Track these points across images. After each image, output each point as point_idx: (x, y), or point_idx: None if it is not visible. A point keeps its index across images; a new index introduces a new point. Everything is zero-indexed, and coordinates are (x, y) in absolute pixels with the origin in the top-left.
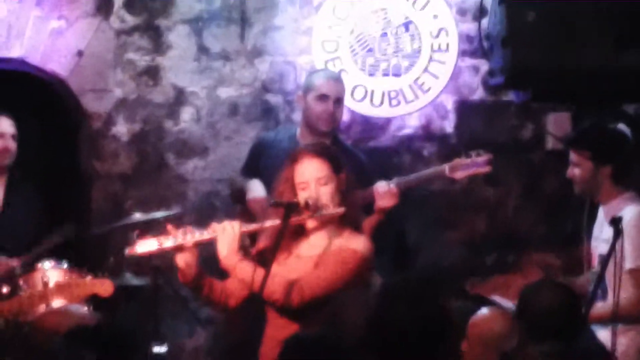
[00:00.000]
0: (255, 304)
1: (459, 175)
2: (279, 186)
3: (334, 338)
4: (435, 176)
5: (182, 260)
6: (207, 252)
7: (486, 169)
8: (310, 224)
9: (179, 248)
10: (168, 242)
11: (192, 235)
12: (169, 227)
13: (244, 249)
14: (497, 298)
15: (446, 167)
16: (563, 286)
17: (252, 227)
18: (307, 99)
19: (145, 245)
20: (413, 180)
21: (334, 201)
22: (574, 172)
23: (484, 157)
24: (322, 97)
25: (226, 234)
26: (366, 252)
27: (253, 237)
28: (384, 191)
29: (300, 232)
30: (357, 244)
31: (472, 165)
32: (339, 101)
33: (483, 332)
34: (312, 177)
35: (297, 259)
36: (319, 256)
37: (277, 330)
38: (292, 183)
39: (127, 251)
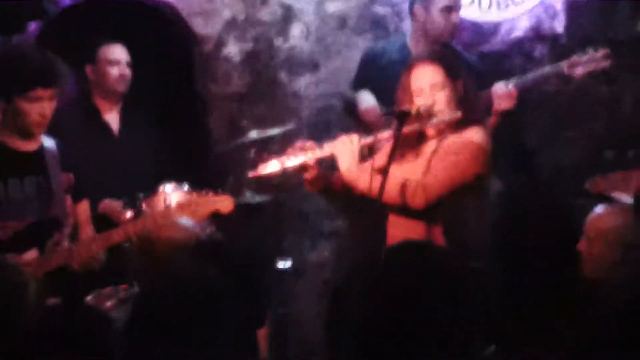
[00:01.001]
0: (377, 213)
1: (578, 72)
2: (397, 94)
3: (438, 248)
4: (553, 75)
5: (308, 174)
6: None
7: (605, 63)
8: (430, 131)
9: (302, 167)
10: (289, 162)
11: (312, 152)
12: (290, 148)
13: (363, 159)
14: (617, 194)
15: (564, 65)
16: None
17: (370, 139)
18: (430, 11)
19: (268, 167)
20: (531, 80)
21: (450, 107)
22: None
23: (601, 52)
24: (448, 9)
25: (345, 148)
26: (482, 141)
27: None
28: (503, 93)
29: (422, 139)
30: (471, 134)
31: (590, 61)
32: (458, 10)
33: (602, 228)
34: (427, 84)
35: (414, 159)
36: (432, 152)
37: (399, 229)
38: (409, 90)
39: (251, 174)
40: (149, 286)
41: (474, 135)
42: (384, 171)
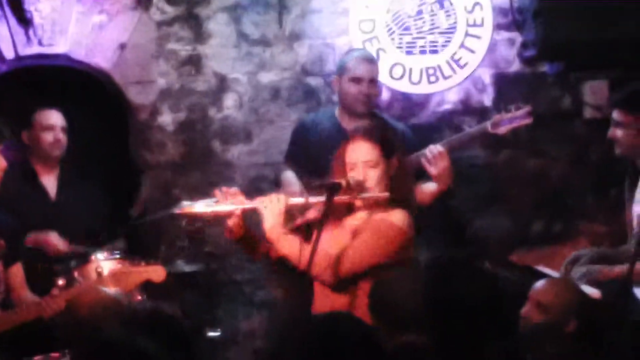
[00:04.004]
0: (304, 280)
1: (502, 130)
2: (333, 165)
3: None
4: (478, 134)
5: (230, 220)
6: None
7: (528, 120)
8: (358, 203)
9: (227, 214)
10: (217, 207)
11: (240, 202)
12: (218, 193)
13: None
14: (543, 268)
15: (488, 124)
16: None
17: (298, 201)
18: (341, 82)
19: (195, 207)
20: (456, 141)
21: (381, 185)
22: (616, 133)
23: (524, 110)
24: (356, 80)
25: (272, 206)
26: (405, 226)
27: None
28: (432, 155)
29: (349, 210)
30: (396, 217)
31: (513, 118)
32: (373, 81)
33: (550, 298)
34: (360, 160)
35: (339, 229)
36: (357, 226)
37: (325, 302)
38: (344, 163)
39: (177, 210)
40: (78, 354)
41: (397, 217)
42: (314, 242)
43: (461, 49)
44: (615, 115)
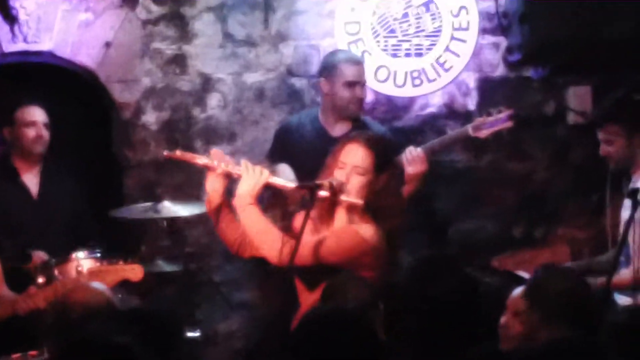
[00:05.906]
0: (286, 283)
1: (483, 133)
2: (327, 160)
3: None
4: (459, 138)
5: (210, 184)
6: None
7: (508, 124)
8: (338, 202)
9: (209, 168)
10: (201, 160)
11: (225, 164)
12: (211, 152)
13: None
14: (523, 273)
15: (469, 128)
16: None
17: (279, 181)
18: (333, 85)
19: (182, 155)
20: (438, 144)
21: (360, 193)
22: (608, 149)
23: (505, 113)
24: (350, 84)
25: (251, 175)
26: (370, 239)
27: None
28: (412, 157)
29: (331, 214)
30: (363, 228)
31: (494, 122)
32: (364, 85)
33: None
34: (351, 162)
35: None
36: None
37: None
38: (337, 160)
39: (165, 153)
40: (59, 352)
41: (364, 229)
42: (297, 237)
43: (446, 53)
44: (600, 133)
